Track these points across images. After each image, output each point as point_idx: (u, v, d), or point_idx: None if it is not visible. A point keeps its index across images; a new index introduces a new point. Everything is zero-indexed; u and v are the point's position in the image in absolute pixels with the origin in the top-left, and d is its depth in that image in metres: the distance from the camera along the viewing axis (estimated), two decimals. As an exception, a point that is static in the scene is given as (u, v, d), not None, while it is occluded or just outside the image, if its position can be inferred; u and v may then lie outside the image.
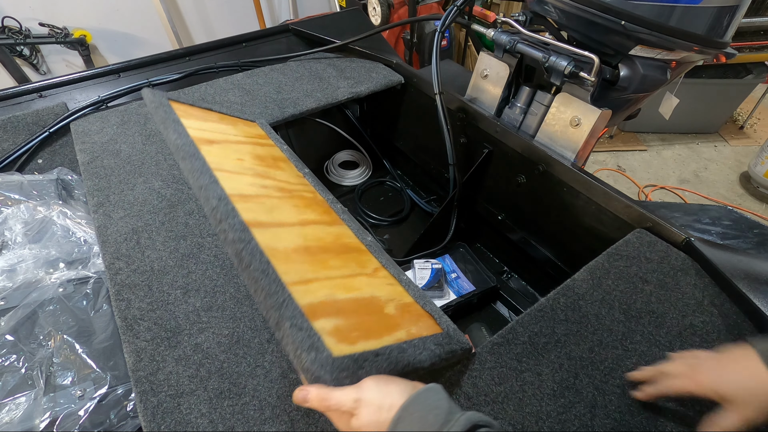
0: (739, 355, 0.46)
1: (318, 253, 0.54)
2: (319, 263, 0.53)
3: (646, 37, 0.74)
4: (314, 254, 0.53)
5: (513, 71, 0.97)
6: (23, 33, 2.09)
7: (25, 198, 0.79)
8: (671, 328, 0.60)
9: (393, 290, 0.59)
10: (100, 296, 0.68)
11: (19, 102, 1.01)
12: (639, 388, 0.52)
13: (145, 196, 0.79)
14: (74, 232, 0.75)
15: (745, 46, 2.05)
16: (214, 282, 0.66)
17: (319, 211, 0.66)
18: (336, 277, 0.52)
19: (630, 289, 0.65)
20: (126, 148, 0.90)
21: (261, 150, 0.74)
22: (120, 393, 0.59)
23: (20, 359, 0.59)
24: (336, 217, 0.68)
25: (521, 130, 0.98)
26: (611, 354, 0.57)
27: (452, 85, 1.10)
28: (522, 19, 0.93)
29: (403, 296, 0.59)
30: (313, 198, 0.70)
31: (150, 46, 2.51)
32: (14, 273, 0.67)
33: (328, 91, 1.10)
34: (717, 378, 0.46)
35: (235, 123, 0.79)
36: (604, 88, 0.86)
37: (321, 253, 0.55)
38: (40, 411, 0.56)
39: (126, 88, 1.05)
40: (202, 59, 1.20)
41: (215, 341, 0.59)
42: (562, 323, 0.61)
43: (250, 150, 0.71)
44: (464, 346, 0.54)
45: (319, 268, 0.52)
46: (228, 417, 0.52)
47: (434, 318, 0.57)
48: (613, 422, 0.51)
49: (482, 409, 0.53)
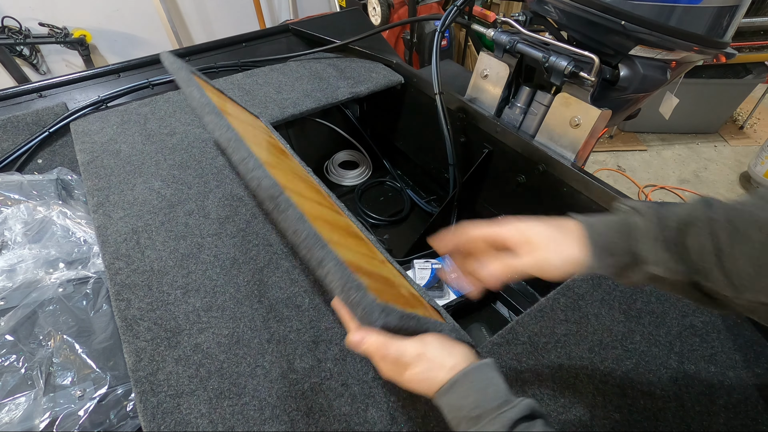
0: (565, 223, 0.43)
1: (336, 228, 0.54)
2: (339, 234, 0.52)
3: (646, 37, 0.74)
4: (333, 226, 0.53)
5: (513, 71, 0.97)
6: (23, 33, 2.09)
7: (24, 198, 0.78)
8: (671, 328, 0.60)
9: (402, 280, 0.59)
10: (99, 296, 0.68)
11: (18, 102, 1.01)
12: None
13: (144, 196, 0.79)
14: (74, 232, 0.75)
15: (745, 46, 2.05)
16: (214, 282, 0.66)
17: (327, 201, 0.66)
18: (355, 250, 0.52)
19: (630, 289, 0.65)
20: (126, 148, 0.90)
21: (270, 138, 0.74)
22: (120, 393, 0.59)
23: (20, 359, 0.59)
24: (341, 211, 0.68)
25: (521, 130, 0.98)
26: (611, 354, 0.57)
27: (452, 85, 1.10)
28: (522, 19, 0.93)
29: (411, 287, 0.59)
30: (320, 190, 0.70)
31: (150, 46, 2.51)
32: (14, 273, 0.67)
33: (328, 91, 1.09)
34: (531, 225, 0.43)
35: (245, 111, 0.79)
36: (604, 88, 0.86)
37: (338, 229, 0.55)
38: (39, 411, 0.56)
39: (126, 88, 1.05)
40: (201, 59, 1.20)
41: (215, 341, 0.59)
42: (562, 323, 0.61)
43: (261, 133, 0.70)
44: (470, 341, 0.54)
45: (341, 238, 0.51)
46: (228, 417, 0.52)
47: (440, 313, 0.57)
48: (612, 422, 0.51)
49: (482, 410, 0.53)
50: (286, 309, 0.63)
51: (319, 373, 0.56)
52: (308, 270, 0.68)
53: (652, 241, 0.37)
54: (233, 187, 0.81)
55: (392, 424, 0.52)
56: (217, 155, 0.89)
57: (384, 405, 0.53)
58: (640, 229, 0.38)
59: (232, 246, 0.71)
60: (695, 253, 0.35)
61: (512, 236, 0.43)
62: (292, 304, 0.63)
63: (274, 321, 0.61)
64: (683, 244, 0.36)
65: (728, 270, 0.34)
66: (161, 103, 1.02)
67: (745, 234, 0.33)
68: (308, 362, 0.57)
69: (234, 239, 0.72)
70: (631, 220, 0.39)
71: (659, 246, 0.37)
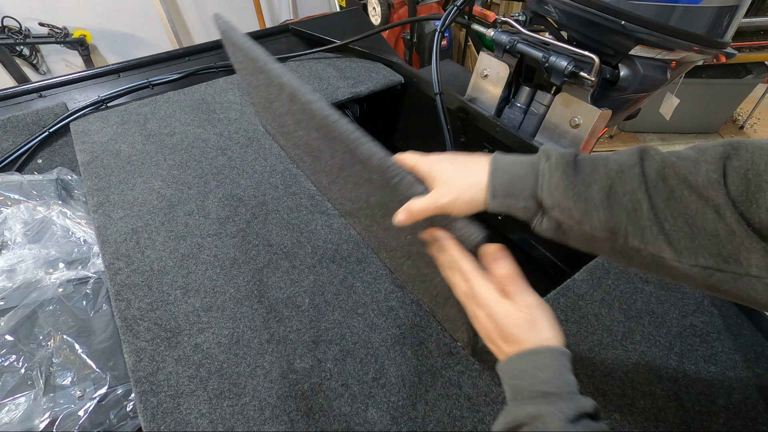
0: (475, 160, 0.41)
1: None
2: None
3: (646, 37, 0.74)
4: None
5: (513, 71, 0.97)
6: (23, 33, 2.09)
7: (24, 198, 0.78)
8: (671, 329, 0.60)
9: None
10: (99, 296, 0.68)
11: (18, 102, 1.01)
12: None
13: (144, 196, 0.79)
14: (74, 232, 0.75)
15: (745, 46, 2.05)
16: (214, 282, 0.66)
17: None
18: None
19: (630, 289, 0.65)
20: (126, 148, 0.90)
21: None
22: (120, 393, 0.59)
23: (20, 359, 0.59)
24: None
25: (521, 130, 0.98)
26: (611, 354, 0.57)
27: (452, 85, 1.10)
28: (522, 19, 0.93)
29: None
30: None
31: (150, 46, 2.51)
32: (14, 273, 0.67)
33: (328, 91, 1.09)
34: (440, 160, 0.42)
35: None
36: (604, 88, 0.86)
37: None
38: (39, 411, 0.56)
39: (126, 88, 1.05)
40: (202, 59, 1.20)
41: (215, 341, 0.59)
42: (561, 323, 0.61)
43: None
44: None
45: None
46: (228, 417, 0.52)
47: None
48: (613, 422, 0.51)
49: (482, 410, 0.53)
50: (286, 309, 0.63)
51: (319, 374, 0.56)
52: (308, 270, 0.68)
53: (554, 189, 0.36)
54: (233, 188, 0.81)
55: (392, 425, 0.52)
56: (217, 155, 0.89)
57: (384, 405, 0.53)
58: (545, 175, 0.36)
59: (232, 246, 0.71)
60: (620, 208, 0.34)
61: (423, 170, 0.42)
62: (292, 304, 0.63)
63: (274, 321, 0.61)
64: (607, 198, 0.34)
65: (667, 231, 0.33)
66: (161, 103, 1.02)
67: (680, 195, 0.33)
68: (308, 362, 0.57)
69: (234, 239, 0.72)
70: (538, 163, 0.37)
71: (568, 195, 0.35)
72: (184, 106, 1.02)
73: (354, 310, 0.63)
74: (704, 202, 0.32)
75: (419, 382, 0.55)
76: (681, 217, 0.33)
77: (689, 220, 0.32)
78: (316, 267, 0.68)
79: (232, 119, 0.99)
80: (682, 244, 0.32)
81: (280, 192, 0.81)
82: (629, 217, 0.34)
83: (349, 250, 0.71)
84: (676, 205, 0.33)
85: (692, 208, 0.32)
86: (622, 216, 0.34)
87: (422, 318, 0.62)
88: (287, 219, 0.76)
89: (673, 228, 0.33)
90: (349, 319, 0.62)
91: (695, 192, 0.32)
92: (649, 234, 0.33)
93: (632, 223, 0.34)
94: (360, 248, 0.71)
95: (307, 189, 0.82)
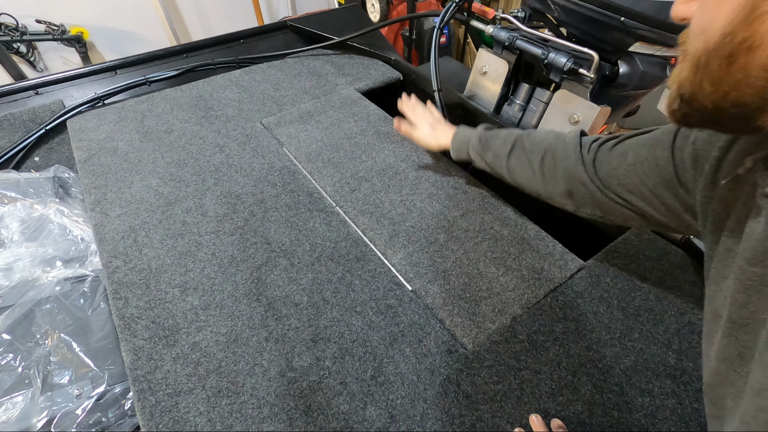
0: (447, 129, 0.78)
1: None
2: None
3: (645, 34, 0.74)
4: None
5: (512, 68, 0.97)
6: (20, 30, 2.07)
7: (21, 196, 0.78)
8: (669, 326, 0.60)
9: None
10: (97, 294, 0.68)
11: (15, 99, 1.01)
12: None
13: (142, 194, 0.79)
14: (71, 230, 0.75)
15: (745, 42, 2.05)
16: (212, 280, 0.66)
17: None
18: None
19: (628, 286, 0.65)
20: (123, 145, 0.89)
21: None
22: (118, 392, 0.59)
23: (17, 358, 0.59)
24: None
25: (520, 128, 0.98)
26: (609, 352, 0.57)
27: (451, 82, 1.09)
28: (521, 16, 0.93)
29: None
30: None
31: (147, 43, 2.50)
32: (11, 271, 0.66)
33: (326, 88, 1.09)
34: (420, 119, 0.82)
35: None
36: (603, 85, 0.85)
37: None
38: (37, 410, 0.55)
39: (122, 85, 1.04)
40: (199, 56, 1.19)
41: (213, 340, 0.59)
42: (560, 321, 0.61)
43: None
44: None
45: None
46: (226, 416, 0.52)
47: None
48: (611, 420, 0.51)
49: (480, 408, 0.53)
50: (284, 307, 0.63)
51: (317, 372, 0.56)
52: (306, 268, 0.68)
53: (472, 150, 0.71)
54: (231, 185, 0.81)
55: (391, 423, 0.52)
56: (215, 152, 0.88)
57: (382, 403, 0.53)
58: (471, 141, 0.71)
59: (230, 244, 0.71)
60: (494, 158, 0.68)
61: (411, 119, 0.84)
62: (290, 302, 0.63)
63: (273, 319, 0.61)
64: (492, 154, 0.69)
65: (510, 168, 0.66)
66: (158, 101, 1.02)
67: (529, 155, 0.62)
68: (307, 361, 0.57)
69: (232, 237, 0.72)
70: (471, 135, 0.72)
71: (478, 153, 0.70)
72: (182, 104, 1.01)
73: (352, 308, 0.63)
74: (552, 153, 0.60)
75: (418, 381, 0.55)
76: (526, 160, 0.63)
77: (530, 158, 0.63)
78: (315, 265, 0.68)
79: (229, 116, 0.99)
80: (517, 171, 0.65)
81: (278, 190, 0.81)
82: (497, 160, 0.67)
83: (348, 247, 0.71)
84: (522, 153, 0.64)
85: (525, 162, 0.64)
86: (495, 162, 0.68)
87: (420, 316, 0.62)
88: (285, 217, 0.76)
89: (517, 163, 0.65)
90: (347, 317, 0.62)
91: (551, 154, 0.60)
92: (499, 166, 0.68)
93: (497, 163, 0.67)
94: (358, 246, 0.71)
95: (305, 186, 0.82)
